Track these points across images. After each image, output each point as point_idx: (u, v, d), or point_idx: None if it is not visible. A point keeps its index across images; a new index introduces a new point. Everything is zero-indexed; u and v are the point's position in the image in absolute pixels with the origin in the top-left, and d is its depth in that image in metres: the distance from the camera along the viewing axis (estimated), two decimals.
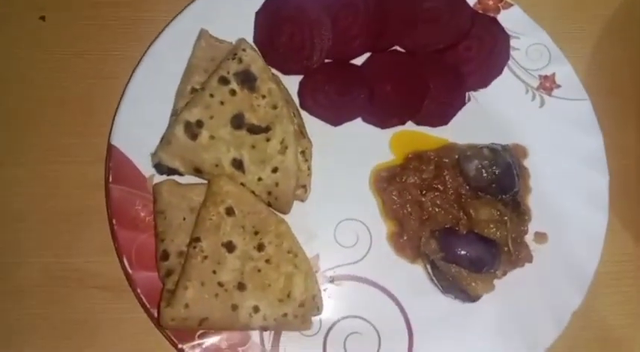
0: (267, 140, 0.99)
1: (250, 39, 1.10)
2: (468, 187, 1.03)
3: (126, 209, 1.00)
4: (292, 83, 1.10)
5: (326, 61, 1.10)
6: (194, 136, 0.98)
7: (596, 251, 1.03)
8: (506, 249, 1.01)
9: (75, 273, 1.04)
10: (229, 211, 0.96)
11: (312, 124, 1.09)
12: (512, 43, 1.12)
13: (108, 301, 1.02)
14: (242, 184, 0.98)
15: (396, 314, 1.01)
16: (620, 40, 1.20)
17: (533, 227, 1.05)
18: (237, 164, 0.98)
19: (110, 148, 1.02)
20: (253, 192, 0.99)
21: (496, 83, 1.12)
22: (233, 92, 1.00)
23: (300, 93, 1.10)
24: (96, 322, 1.02)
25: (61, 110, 1.11)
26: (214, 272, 0.93)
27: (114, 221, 0.99)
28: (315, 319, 0.98)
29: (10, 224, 1.06)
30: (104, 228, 1.03)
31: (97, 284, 1.03)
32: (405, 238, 1.03)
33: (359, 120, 1.10)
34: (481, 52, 1.12)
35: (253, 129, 0.99)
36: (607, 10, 1.22)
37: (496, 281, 1.02)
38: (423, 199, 1.03)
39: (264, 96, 1.00)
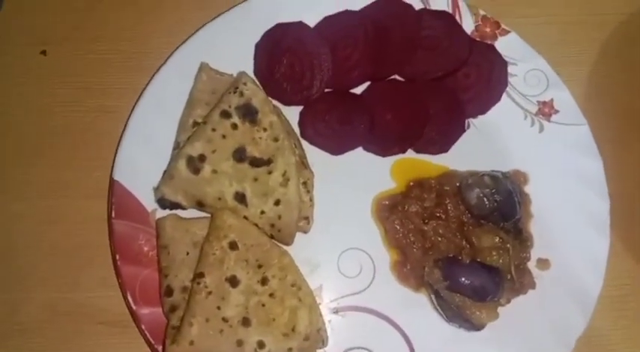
0: (269, 173, 1.00)
1: (250, 71, 1.11)
2: (469, 215, 1.04)
3: (129, 244, 1.00)
4: (293, 113, 1.11)
5: (326, 90, 1.11)
6: (196, 170, 0.98)
7: (599, 275, 1.03)
8: (509, 276, 1.01)
9: (80, 309, 1.04)
10: (232, 245, 0.96)
11: (314, 154, 1.09)
12: (510, 69, 1.13)
13: (114, 336, 1.02)
14: (245, 217, 0.99)
15: (401, 344, 1.01)
16: (617, 62, 1.21)
17: (535, 253, 1.05)
18: (240, 197, 0.99)
19: (112, 183, 1.02)
20: (256, 225, 0.99)
21: (495, 110, 1.12)
22: (235, 126, 1.00)
23: (300, 124, 1.11)
24: None
25: (64, 144, 1.11)
26: (219, 307, 0.93)
27: (117, 256, 0.99)
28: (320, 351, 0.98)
29: (14, 260, 1.06)
30: (108, 263, 1.03)
31: (102, 320, 1.03)
32: (409, 267, 1.03)
33: (360, 148, 1.11)
34: (479, 79, 1.13)
35: (255, 162, 1.00)
36: (603, 34, 1.23)
37: (500, 309, 1.02)
38: (426, 228, 1.04)
39: (265, 129, 1.01)
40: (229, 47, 1.11)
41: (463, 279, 0.98)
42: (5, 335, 1.02)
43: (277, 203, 0.99)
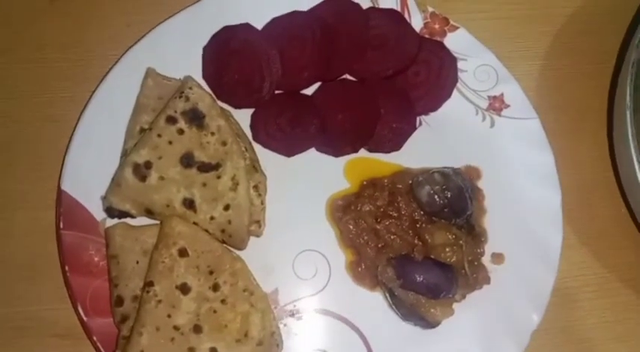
0: (218, 177, 0.99)
1: (200, 75, 1.09)
2: (422, 213, 1.04)
3: (79, 255, 0.98)
4: (244, 116, 1.10)
5: (276, 92, 1.11)
6: (143, 178, 0.97)
7: (553, 268, 1.03)
8: (463, 272, 1.01)
9: (30, 322, 1.01)
10: (182, 252, 0.95)
11: (266, 157, 1.08)
12: (460, 65, 1.13)
13: (65, 349, 1.00)
14: (195, 223, 0.98)
15: (358, 345, 1.01)
16: (567, 55, 1.22)
17: (489, 248, 1.06)
18: (189, 203, 0.98)
19: (60, 193, 1.01)
20: (207, 231, 0.98)
21: (446, 106, 1.12)
22: (181, 131, 0.99)
23: (252, 127, 1.09)
24: None
25: (9, 155, 1.09)
26: (169, 316, 0.92)
27: (66, 268, 0.98)
28: None
29: None
30: (58, 275, 1.01)
31: (54, 333, 1.01)
32: (364, 267, 1.03)
33: (313, 149, 1.10)
34: (429, 76, 1.12)
35: (203, 167, 0.99)
36: (553, 27, 1.23)
37: (455, 305, 1.02)
38: (378, 227, 1.03)
39: (213, 134, 1.00)
40: (177, 51, 1.09)
41: (416, 277, 0.98)
42: None
43: (227, 208, 0.98)
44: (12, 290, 1.03)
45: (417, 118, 1.12)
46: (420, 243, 1.02)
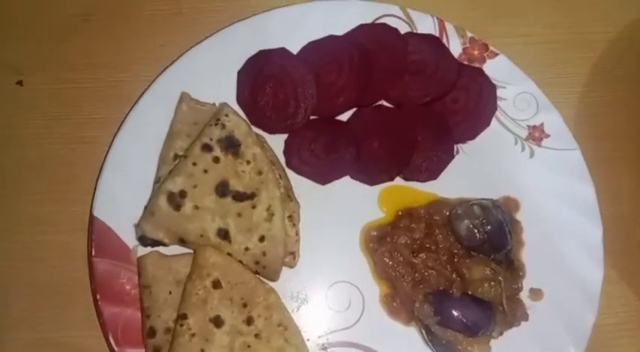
0: (253, 207, 0.97)
1: (233, 99, 1.08)
2: (459, 246, 1.01)
3: (110, 283, 0.97)
4: (278, 142, 1.08)
5: (311, 118, 1.08)
6: (177, 207, 0.95)
7: (594, 304, 1.01)
8: (501, 308, 0.98)
9: (60, 349, 1.01)
10: (216, 284, 0.93)
11: (300, 184, 1.06)
12: (499, 93, 1.11)
13: None
14: (228, 254, 0.96)
15: None
16: (607, 82, 1.18)
17: (527, 283, 1.03)
18: (223, 234, 0.96)
19: (92, 219, 0.99)
20: (240, 262, 0.96)
21: (484, 135, 1.10)
22: (217, 159, 0.97)
23: (285, 153, 1.08)
24: None
25: (41, 177, 1.08)
26: (202, 350, 0.90)
27: (98, 296, 0.96)
28: None
29: None
30: (88, 300, 1.00)
31: None
32: (398, 301, 1.00)
33: (347, 177, 1.08)
34: (468, 103, 1.10)
35: (238, 197, 0.97)
36: (593, 52, 1.20)
37: (492, 342, 0.99)
38: (415, 261, 1.01)
39: (248, 162, 0.98)
40: (211, 75, 1.08)
41: (454, 314, 0.95)
42: None
43: (262, 239, 0.96)
44: (40, 315, 1.02)
45: (455, 146, 1.09)
46: (457, 278, 1.00)
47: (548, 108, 1.10)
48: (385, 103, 1.11)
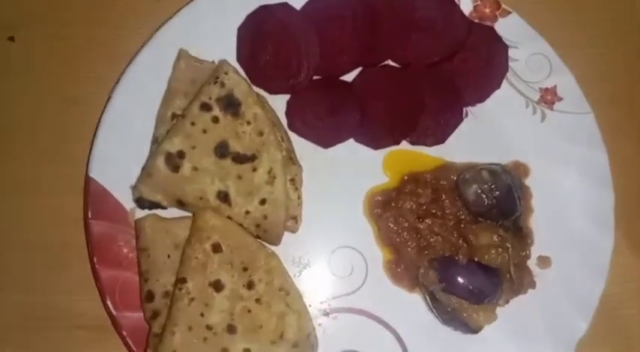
0: (254, 170, 0.93)
1: (233, 57, 1.03)
2: (467, 212, 0.98)
3: (107, 246, 0.94)
4: (279, 103, 1.04)
5: (314, 78, 1.04)
6: (176, 168, 0.92)
7: (602, 274, 0.99)
8: (508, 276, 0.96)
9: (55, 312, 0.99)
10: (216, 248, 0.90)
11: (301, 146, 1.03)
12: (511, 53, 1.06)
13: (92, 342, 0.98)
14: (228, 217, 0.93)
15: (394, 347, 0.97)
16: (625, 45, 1.14)
17: (536, 250, 1.01)
18: (223, 196, 0.93)
19: (88, 181, 0.96)
20: (241, 225, 0.93)
21: (494, 97, 1.05)
22: (216, 119, 0.93)
23: (287, 115, 1.04)
24: None
25: (33, 137, 1.04)
26: (202, 314, 0.88)
27: (95, 259, 0.94)
28: None
29: None
30: (85, 264, 0.98)
31: (80, 324, 0.98)
32: (403, 267, 0.98)
33: (351, 140, 1.04)
34: (478, 64, 1.05)
35: (239, 159, 0.93)
36: (612, 13, 1.15)
37: (498, 309, 0.97)
38: (421, 226, 0.98)
39: (249, 122, 0.94)
40: (210, 32, 1.03)
41: (460, 281, 0.93)
42: None
43: (263, 202, 0.93)
44: (36, 279, 1.00)
45: (463, 109, 1.05)
46: (464, 244, 0.97)
47: (562, 70, 1.05)
48: (392, 63, 1.06)
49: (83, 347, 0.97)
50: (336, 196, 1.01)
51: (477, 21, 1.07)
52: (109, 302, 0.92)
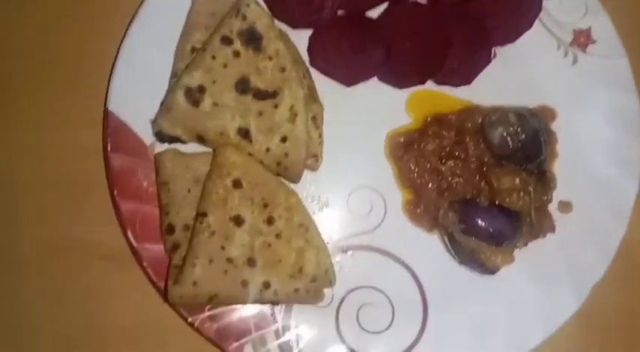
0: (275, 107, 0.92)
1: None
2: (490, 155, 0.97)
3: (127, 179, 0.95)
4: (302, 38, 1.01)
5: (339, 12, 1.00)
6: (196, 103, 0.90)
7: (624, 219, 0.98)
8: (528, 219, 0.96)
9: (78, 244, 1.00)
10: (236, 183, 0.90)
11: (324, 84, 1.01)
12: None
13: (114, 271, 0.99)
14: (249, 154, 0.92)
15: (410, 285, 0.98)
16: None
17: (557, 195, 1.00)
18: (244, 133, 0.92)
19: (107, 114, 0.95)
20: (261, 163, 0.93)
21: (525, 38, 1.02)
22: (237, 53, 0.91)
23: (310, 51, 1.01)
24: (103, 292, 0.99)
25: (50, 71, 1.03)
26: (223, 248, 0.89)
27: (115, 192, 0.94)
28: (327, 290, 0.95)
29: (5, 193, 1.01)
30: (104, 196, 0.98)
31: (101, 255, 1.00)
32: (422, 208, 0.98)
33: (374, 79, 1.02)
34: (509, 2, 1.01)
35: (260, 95, 0.91)
36: None
37: (516, 252, 0.97)
38: (443, 168, 0.97)
39: (270, 58, 0.92)
40: None
41: (480, 223, 0.93)
42: (1, 272, 0.99)
43: (284, 140, 0.92)
44: (56, 210, 1.00)
45: (492, 50, 1.01)
46: (485, 187, 0.96)
47: (598, 10, 1.01)
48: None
49: (103, 276, 0.99)
50: (357, 136, 1.00)
51: None
52: (129, 234, 0.93)
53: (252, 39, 0.91)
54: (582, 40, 1.01)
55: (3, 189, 1.01)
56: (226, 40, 0.91)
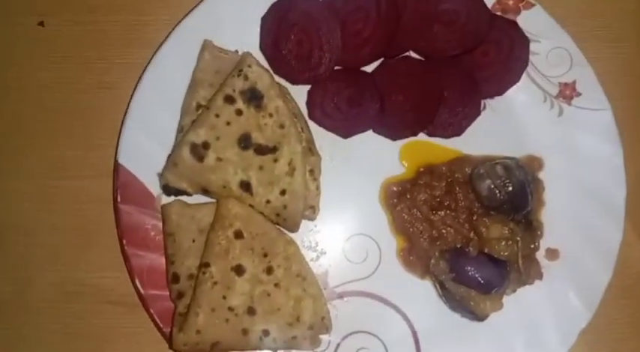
0: (275, 161, 0.97)
1: (256, 46, 1.05)
2: (479, 205, 1.01)
3: (136, 229, 1.00)
4: (300, 93, 1.06)
5: (335, 68, 1.06)
6: (200, 158, 0.96)
7: (609, 267, 1.02)
8: (516, 266, 1.00)
9: (87, 288, 1.05)
10: (238, 234, 0.95)
11: (321, 135, 1.06)
12: (532, 46, 1.06)
13: (121, 315, 1.04)
14: (250, 206, 0.97)
15: (404, 330, 1.02)
16: None
17: (544, 243, 1.04)
18: (245, 186, 0.97)
19: (117, 166, 1.01)
20: (262, 214, 0.98)
21: (513, 91, 1.07)
22: (239, 112, 0.97)
23: (308, 104, 1.06)
24: (110, 336, 1.04)
25: (63, 121, 1.09)
26: (224, 297, 0.94)
27: (124, 241, 0.99)
28: (324, 337, 1.00)
29: (19, 239, 1.06)
30: (113, 243, 1.03)
31: (109, 300, 1.05)
32: (415, 256, 1.02)
33: (369, 131, 1.07)
34: (499, 57, 1.06)
35: (260, 150, 0.97)
36: (632, 3, 1.14)
37: (505, 298, 1.01)
38: (434, 218, 1.02)
39: (271, 115, 0.97)
40: (233, 21, 1.05)
41: (470, 272, 0.97)
42: (13, 314, 1.04)
43: (283, 193, 0.97)
44: (67, 256, 1.06)
45: (482, 102, 1.07)
46: (474, 236, 1.00)
47: (583, 65, 1.06)
48: (413, 54, 1.07)
49: (112, 320, 1.04)
50: (353, 185, 1.05)
51: (499, 13, 1.07)
52: (137, 281, 0.99)
53: (254, 98, 0.97)
54: (568, 92, 1.06)
55: (17, 235, 1.06)
56: (229, 99, 0.97)
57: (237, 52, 1.04)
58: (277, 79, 1.04)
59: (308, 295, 0.96)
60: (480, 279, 0.97)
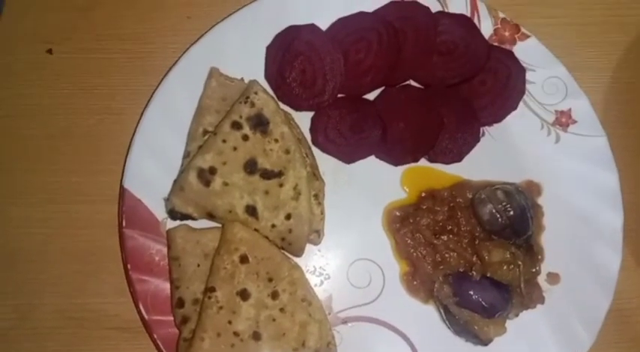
0: (280, 185, 0.98)
1: (261, 74, 1.08)
2: (481, 230, 1.03)
3: (140, 254, 1.00)
4: (304, 119, 1.09)
5: (338, 95, 1.08)
6: (207, 183, 0.97)
7: (609, 290, 1.03)
8: (518, 290, 1.01)
9: (90, 314, 1.04)
10: (243, 259, 0.96)
11: (324, 161, 1.08)
12: (528, 76, 1.10)
13: (126, 341, 1.03)
14: (255, 230, 0.98)
15: None
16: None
17: (545, 267, 1.05)
18: (251, 210, 0.98)
19: (123, 191, 1.01)
20: (267, 238, 0.99)
21: (511, 118, 1.10)
22: (246, 137, 0.98)
23: (312, 131, 1.08)
24: None
25: (69, 148, 1.10)
26: (230, 322, 0.93)
27: (129, 266, 0.99)
28: None
29: (24, 264, 1.06)
30: (118, 269, 1.03)
31: (113, 325, 1.04)
32: (418, 280, 1.03)
33: (372, 156, 1.09)
34: (496, 85, 1.09)
35: (266, 175, 0.98)
36: (627, 36, 1.19)
37: (508, 322, 1.02)
38: (436, 242, 1.03)
39: (276, 140, 0.99)
40: (239, 50, 1.08)
41: (472, 296, 0.98)
42: (17, 340, 1.03)
43: (288, 217, 0.98)
44: (71, 282, 1.05)
45: (480, 129, 1.09)
46: (477, 261, 1.02)
47: (577, 93, 1.09)
48: (413, 83, 1.10)
49: (116, 346, 1.03)
50: (356, 210, 1.06)
51: (496, 44, 1.11)
52: (141, 307, 0.98)
53: (260, 124, 0.99)
54: (563, 120, 1.09)
55: (22, 261, 1.06)
56: (236, 125, 0.99)
57: (242, 79, 1.06)
58: (281, 105, 1.06)
59: (313, 320, 0.96)
60: (483, 303, 0.98)
